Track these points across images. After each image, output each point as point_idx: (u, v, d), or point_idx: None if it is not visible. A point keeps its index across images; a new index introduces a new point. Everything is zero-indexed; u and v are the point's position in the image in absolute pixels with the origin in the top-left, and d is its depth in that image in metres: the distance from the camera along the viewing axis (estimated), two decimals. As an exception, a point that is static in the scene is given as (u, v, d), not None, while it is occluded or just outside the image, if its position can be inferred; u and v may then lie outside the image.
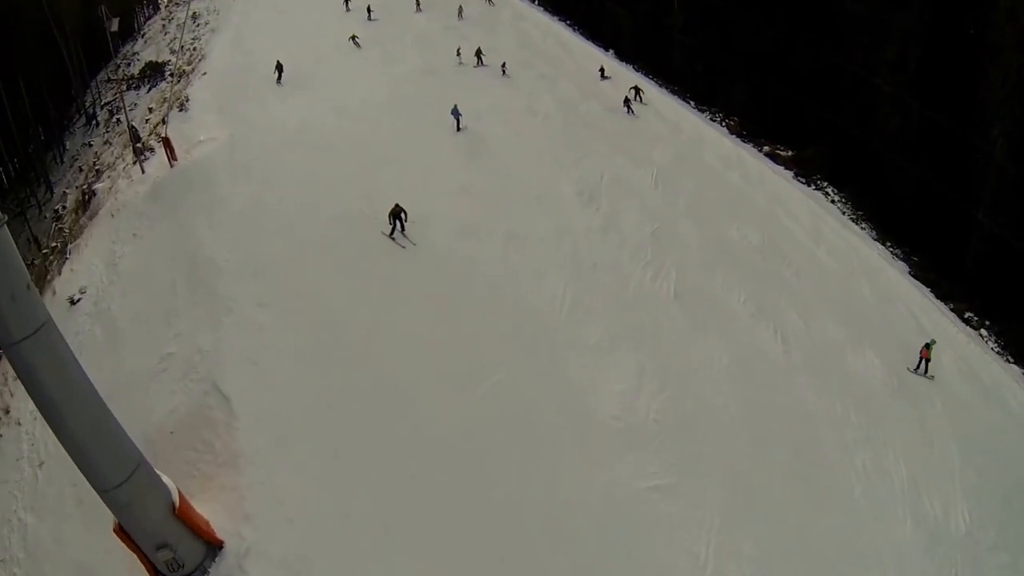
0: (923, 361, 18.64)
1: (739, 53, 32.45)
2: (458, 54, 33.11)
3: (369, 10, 39.85)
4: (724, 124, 33.48)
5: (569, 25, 40.94)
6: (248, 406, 14.04)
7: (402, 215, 19.11)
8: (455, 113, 26.45)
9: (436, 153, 24.46)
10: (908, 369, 18.79)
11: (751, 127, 32.58)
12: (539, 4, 44.05)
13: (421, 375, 15.01)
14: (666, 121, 31.35)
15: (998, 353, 22.54)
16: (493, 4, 42.09)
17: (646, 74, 36.81)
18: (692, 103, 35.03)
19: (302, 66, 31.40)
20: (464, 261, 18.67)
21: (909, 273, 25.11)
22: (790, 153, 31.38)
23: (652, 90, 34.17)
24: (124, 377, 15.22)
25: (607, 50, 38.48)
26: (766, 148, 31.96)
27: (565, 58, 35.56)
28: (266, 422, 13.79)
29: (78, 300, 19.09)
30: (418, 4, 41.68)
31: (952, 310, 23.81)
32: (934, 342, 18.92)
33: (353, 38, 35.16)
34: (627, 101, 29.89)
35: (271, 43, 33.35)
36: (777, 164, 30.73)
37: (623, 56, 37.98)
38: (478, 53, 32.91)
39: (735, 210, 25.15)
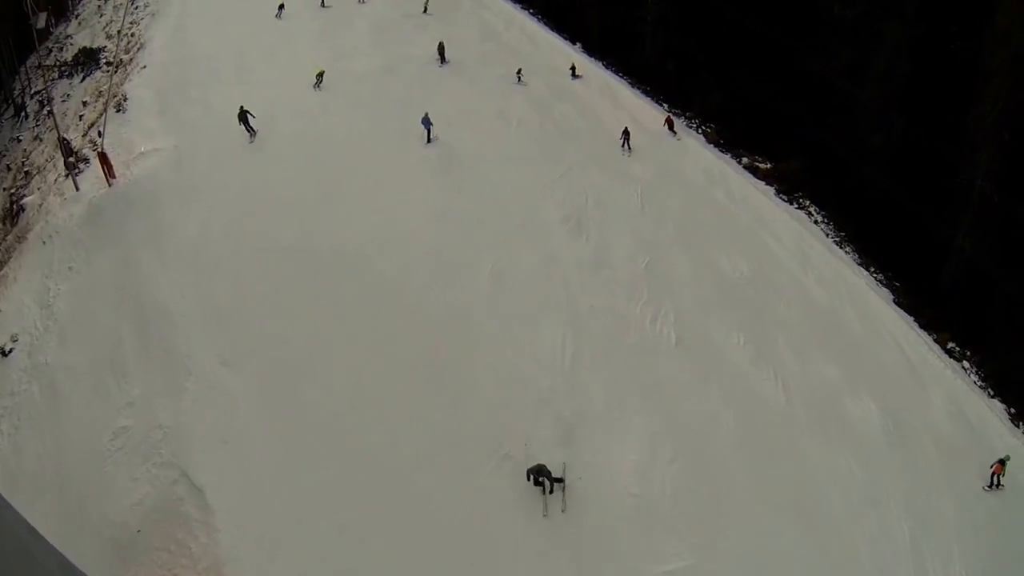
0: (995, 476, 18.81)
1: (717, 52, 32.63)
2: (440, 54, 31.79)
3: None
4: (701, 131, 33.70)
5: (533, 15, 40.05)
6: (225, 499, 12.79)
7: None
8: (426, 122, 25.35)
9: (406, 169, 23.32)
10: (983, 488, 19.11)
11: (728, 136, 32.91)
12: None
13: (418, 451, 14.15)
14: (641, 127, 31.09)
15: (980, 387, 24.10)
16: None
17: (616, 71, 36.53)
18: (665, 106, 35.01)
19: (250, 61, 29.78)
20: (449, 308, 17.72)
21: (894, 301, 26.30)
22: (769, 166, 32.00)
23: (624, 91, 33.91)
24: (72, 456, 13.55)
25: (574, 43, 37.88)
26: (745, 160, 32.45)
27: (532, 52, 34.82)
28: (248, 519, 12.57)
29: (10, 351, 17.00)
30: None
31: (936, 341, 25.15)
32: (1008, 458, 19.37)
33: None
34: (626, 135, 28.33)
35: (216, 31, 31.77)
36: (758, 178, 31.27)
37: (591, 50, 37.50)
38: (440, 49, 31.41)
39: (723, 235, 25.53)
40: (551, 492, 13.76)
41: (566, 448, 15.34)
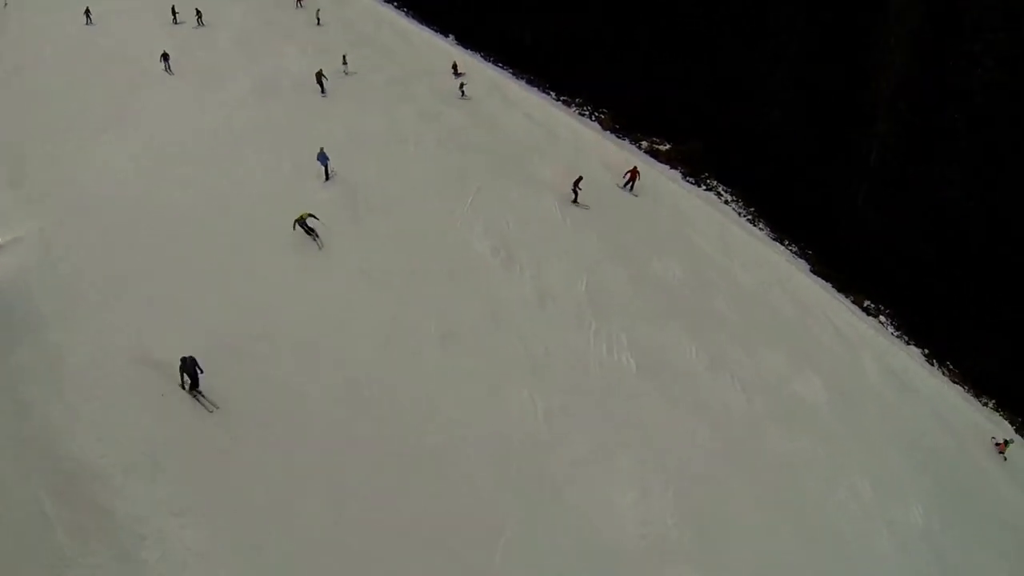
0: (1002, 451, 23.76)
1: (602, 35, 34.34)
2: (320, 84, 30.86)
3: (174, 11, 36.29)
4: (595, 118, 35.41)
5: (398, 8, 39.68)
6: None
7: None
8: (322, 158, 24.65)
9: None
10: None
11: (624, 121, 34.89)
12: None
13: (413, 560, 14.33)
14: (539, 124, 32.34)
15: (897, 336, 28.17)
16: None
17: (496, 62, 37.30)
18: (552, 94, 36.43)
19: (104, 99, 28.11)
20: (403, 388, 17.68)
21: (810, 270, 29.81)
22: (668, 147, 34.39)
23: (511, 85, 34.86)
24: None
25: (446, 35, 38.17)
26: (644, 144, 34.71)
27: (408, 52, 34.76)
28: None
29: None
30: None
31: (853, 302, 28.96)
32: (1011, 441, 23.66)
33: (164, 58, 31.48)
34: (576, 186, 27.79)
35: (58, 66, 29.83)
36: (660, 162, 33.71)
37: (466, 42, 37.97)
38: (319, 79, 30.44)
39: (647, 235, 27.41)
40: None
41: (561, 505, 16.23)
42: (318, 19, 37.71)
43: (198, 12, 36.55)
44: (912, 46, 25.73)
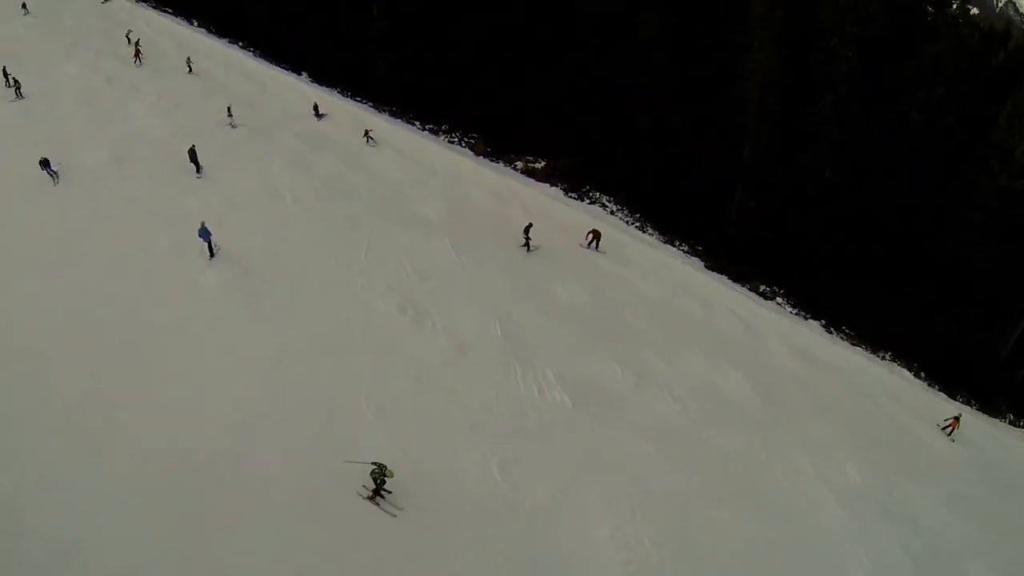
0: (951, 429, 26.08)
1: (461, 60, 35.08)
2: (194, 161, 28.32)
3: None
4: (465, 144, 36.01)
5: (245, 49, 38.66)
6: None
7: None
8: (204, 234, 23.29)
9: (205, 306, 21.31)
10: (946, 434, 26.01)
11: (495, 143, 35.74)
12: (202, 26, 41.93)
13: None
14: (412, 160, 32.66)
15: (795, 315, 30.85)
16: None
17: (354, 97, 37.24)
18: (418, 124, 36.75)
19: None
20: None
21: (705, 267, 32.03)
22: (543, 164, 35.59)
23: (373, 119, 34.97)
24: None
25: (299, 74, 37.71)
26: (519, 164, 35.76)
27: (264, 98, 34.11)
28: None
29: None
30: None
31: (750, 290, 31.45)
32: (960, 416, 26.22)
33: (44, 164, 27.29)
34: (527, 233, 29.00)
35: None
36: (539, 181, 34.83)
37: (319, 78, 37.76)
38: (192, 155, 28.19)
39: (543, 259, 28.39)
40: None
41: (543, 553, 16.54)
42: (189, 67, 36.30)
43: (13, 82, 32.67)
44: (776, 45, 28.76)
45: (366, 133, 32.91)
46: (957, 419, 26.10)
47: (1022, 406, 29.58)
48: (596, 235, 30.16)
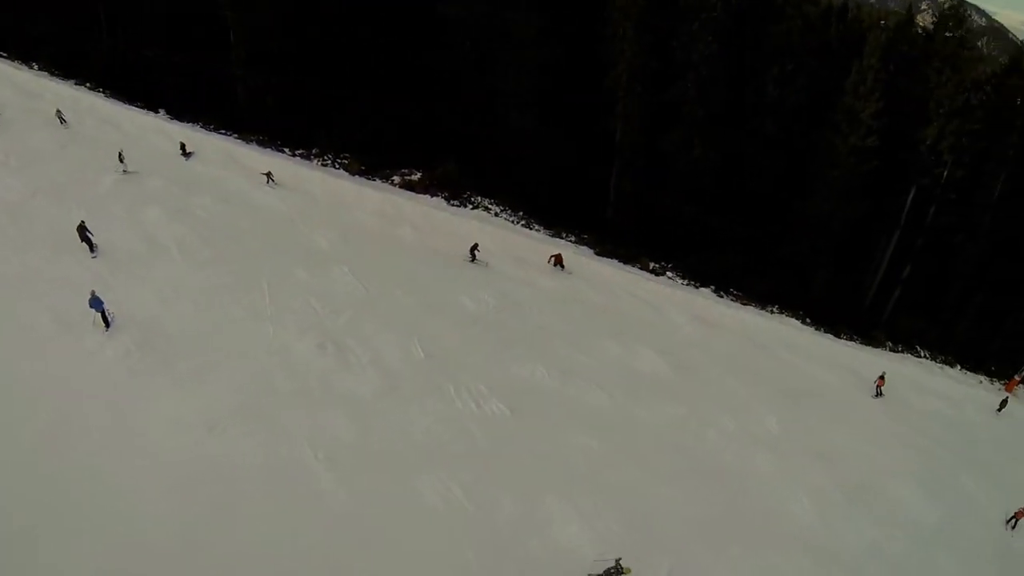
0: (878, 389, 29.14)
1: (324, 79, 34.54)
2: (86, 240, 25.45)
3: None
4: (339, 166, 35.52)
5: (94, 90, 36.05)
6: None
7: None
8: (96, 303, 21.13)
9: (107, 389, 19.25)
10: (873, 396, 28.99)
11: (369, 160, 35.56)
12: (44, 69, 38.91)
13: None
14: (290, 189, 31.90)
15: (687, 285, 33.45)
16: None
17: (217, 130, 35.90)
18: (287, 151, 35.84)
19: None
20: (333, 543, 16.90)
21: (595, 253, 33.79)
22: (420, 175, 35.90)
23: (240, 150, 33.94)
24: None
25: (156, 111, 35.64)
26: (396, 179, 35.76)
27: (125, 142, 31.85)
28: None
29: None
30: None
31: (641, 269, 33.68)
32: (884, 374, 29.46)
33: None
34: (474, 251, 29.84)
35: None
36: (419, 193, 35.06)
37: (178, 114, 35.82)
38: (82, 233, 25.00)
39: (441, 272, 28.84)
40: None
41: (528, 564, 17.19)
42: (61, 119, 32.88)
43: None
44: (639, 33, 30.72)
45: (267, 175, 31.67)
46: (883, 377, 29.37)
47: (896, 336, 34.25)
48: (559, 259, 31.35)
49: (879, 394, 29.00)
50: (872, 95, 30.36)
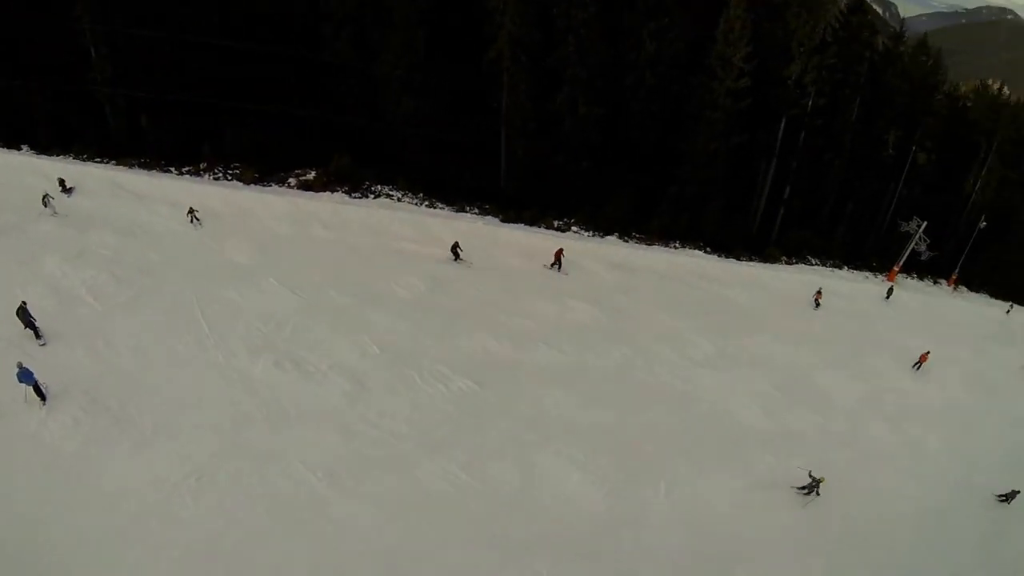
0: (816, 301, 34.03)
1: (200, 93, 33.44)
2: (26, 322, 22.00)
3: None
4: (232, 177, 34.67)
5: None
6: None
7: None
8: (25, 376, 18.95)
9: (64, 470, 17.57)
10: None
11: (261, 166, 34.87)
12: None
13: None
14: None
15: (592, 236, 36.30)
16: None
17: (94, 158, 33.54)
18: (173, 170, 34.22)
19: None
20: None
21: (501, 221, 35.40)
22: (314, 174, 35.77)
23: (123, 176, 32.26)
24: None
25: (19, 148, 33.03)
26: (292, 181, 35.38)
27: None
28: None
29: None
30: None
31: (547, 228, 35.96)
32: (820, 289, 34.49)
33: None
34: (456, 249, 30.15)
35: None
36: (319, 191, 34.88)
37: (45, 148, 33.20)
38: (23, 315, 21.68)
39: (362, 266, 29.19)
40: None
41: (544, 520, 18.83)
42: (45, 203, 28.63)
43: None
44: (519, 5, 31.84)
45: (190, 212, 29.66)
46: (820, 292, 33.74)
47: (789, 250, 38.62)
48: (558, 255, 32.06)
49: (817, 305, 33.64)
50: (741, 41, 33.87)
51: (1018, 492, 24.00)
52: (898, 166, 41.68)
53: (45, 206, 28.26)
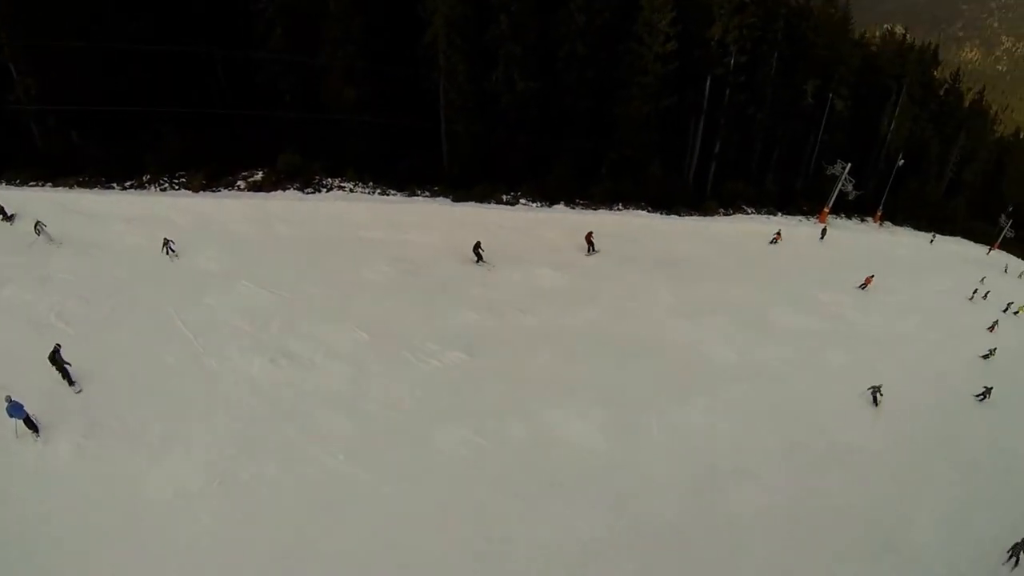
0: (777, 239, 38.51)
1: (134, 101, 33.32)
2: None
3: None
4: (179, 186, 34.36)
5: None
6: None
7: None
8: (15, 410, 18.55)
9: (83, 496, 17.85)
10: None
11: (207, 173, 34.58)
12: None
13: None
14: (143, 223, 30.30)
15: (541, 206, 38.69)
16: None
17: (27, 182, 32.60)
18: (115, 186, 33.37)
19: None
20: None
21: (453, 201, 36.85)
22: (262, 175, 35.91)
23: (64, 198, 31.56)
24: None
25: None
26: (241, 184, 35.30)
27: None
28: None
29: None
30: None
31: (496, 203, 37.74)
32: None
33: None
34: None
35: None
36: (271, 191, 35.09)
37: None
38: (57, 360, 21.16)
39: (335, 258, 30.08)
40: None
41: (560, 469, 20.59)
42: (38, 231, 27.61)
43: None
44: None
45: (165, 243, 28.55)
46: (779, 233, 37.26)
47: (724, 202, 41.71)
48: (589, 237, 33.72)
49: (774, 241, 37.73)
50: (666, 7, 36.29)
51: (991, 388, 28.22)
52: (818, 114, 45.45)
53: (38, 235, 27.72)
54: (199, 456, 19.44)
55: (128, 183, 34.06)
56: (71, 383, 20.97)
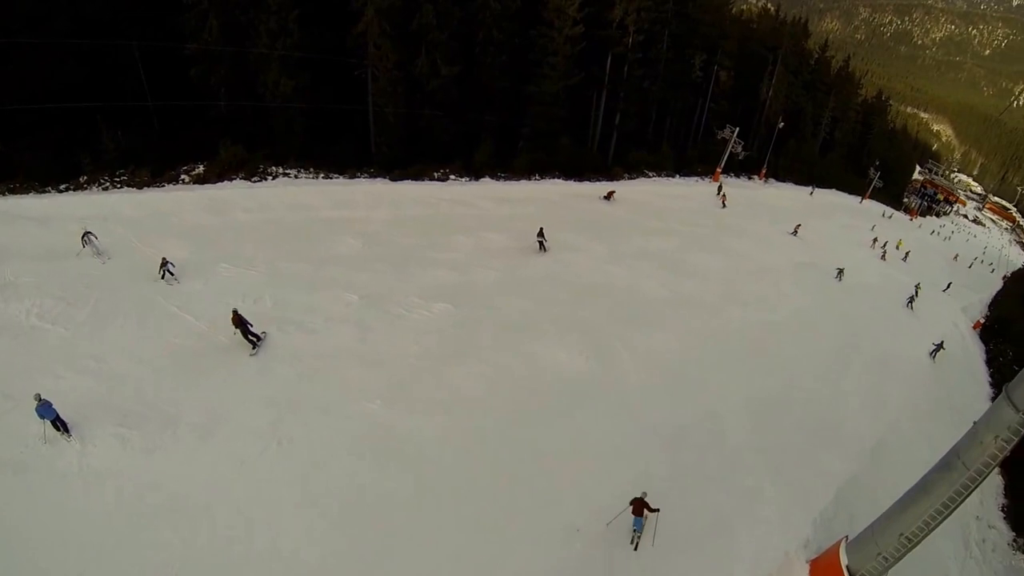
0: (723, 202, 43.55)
1: (64, 98, 33.61)
2: None
3: None
4: (119, 184, 35.00)
5: None
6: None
7: None
8: (45, 411, 18.23)
9: (152, 491, 18.39)
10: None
11: (148, 167, 35.54)
12: None
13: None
14: (94, 224, 29.48)
15: (470, 180, 42.91)
16: None
17: None
18: (51, 189, 33.69)
19: None
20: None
21: (391, 180, 40.43)
22: (203, 167, 37.47)
23: (6, 202, 31.32)
24: None
25: None
26: (184, 178, 36.22)
27: None
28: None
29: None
30: None
31: (430, 180, 41.69)
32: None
33: None
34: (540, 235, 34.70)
35: None
36: (216, 182, 36.45)
37: None
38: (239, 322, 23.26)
39: (304, 238, 32.53)
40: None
41: (541, 372, 24.47)
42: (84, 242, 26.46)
43: None
44: None
45: (163, 266, 27.45)
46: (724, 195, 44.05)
47: (629, 168, 48.03)
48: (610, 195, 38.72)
49: (724, 206, 45.07)
50: (573, -7, 40.98)
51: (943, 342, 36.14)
52: (705, 85, 52.87)
53: (84, 246, 27.47)
54: (247, 424, 20.56)
55: (64, 186, 33.90)
56: (255, 345, 23.85)
